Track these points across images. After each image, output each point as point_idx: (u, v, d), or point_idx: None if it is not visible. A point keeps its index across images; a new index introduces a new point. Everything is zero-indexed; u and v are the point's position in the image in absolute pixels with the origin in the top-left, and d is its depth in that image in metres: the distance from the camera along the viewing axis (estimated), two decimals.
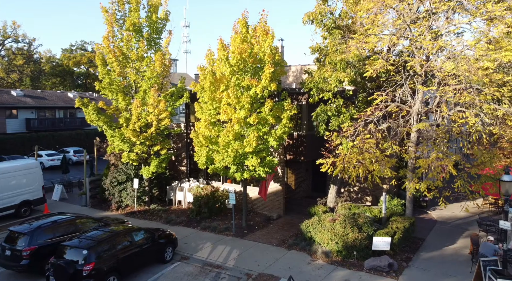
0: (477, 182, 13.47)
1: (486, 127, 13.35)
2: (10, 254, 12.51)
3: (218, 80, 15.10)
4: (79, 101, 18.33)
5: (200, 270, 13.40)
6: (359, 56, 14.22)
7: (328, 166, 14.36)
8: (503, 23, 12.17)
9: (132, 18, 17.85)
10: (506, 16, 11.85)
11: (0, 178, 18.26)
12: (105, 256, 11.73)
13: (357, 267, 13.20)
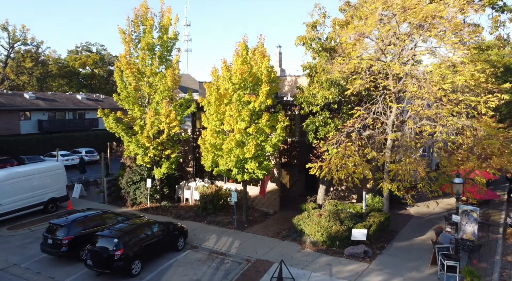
0: (436, 183, 16.03)
1: (450, 137, 15.90)
2: (52, 243, 15.18)
3: (222, 95, 17.70)
4: (100, 112, 20.91)
5: (207, 257, 16.05)
6: (342, 76, 16.78)
7: (316, 169, 16.94)
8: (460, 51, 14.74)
9: (146, 39, 20.42)
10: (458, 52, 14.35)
11: (31, 178, 20.93)
12: (131, 244, 14.37)
13: (339, 254, 15.85)
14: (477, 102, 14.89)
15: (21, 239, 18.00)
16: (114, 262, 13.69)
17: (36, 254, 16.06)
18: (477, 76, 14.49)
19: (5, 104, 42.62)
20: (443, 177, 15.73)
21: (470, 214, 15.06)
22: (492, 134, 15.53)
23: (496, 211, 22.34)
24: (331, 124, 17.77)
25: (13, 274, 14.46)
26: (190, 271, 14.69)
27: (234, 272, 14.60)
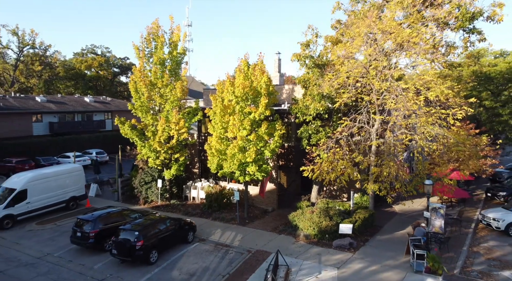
0: (410, 185, 18.39)
1: (426, 143, 18.24)
2: (80, 235, 17.64)
3: (226, 107, 20.11)
4: (117, 120, 23.33)
5: (214, 248, 18.49)
6: (331, 91, 19.16)
7: (309, 171, 19.31)
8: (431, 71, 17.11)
9: (158, 54, 22.82)
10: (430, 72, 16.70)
11: (55, 179, 23.40)
12: (149, 237, 16.81)
13: (328, 245, 18.28)
14: (446, 114, 17.23)
15: (49, 233, 20.47)
16: (135, 251, 16.14)
17: (65, 245, 18.52)
18: (446, 92, 16.84)
19: (19, 107, 45.10)
20: (417, 179, 18.09)
21: (438, 210, 17.48)
22: (460, 142, 17.91)
23: (473, 208, 24.74)
24: (322, 132, 20.18)
25: (49, 261, 16.93)
26: (199, 260, 17.14)
27: (237, 260, 17.04)
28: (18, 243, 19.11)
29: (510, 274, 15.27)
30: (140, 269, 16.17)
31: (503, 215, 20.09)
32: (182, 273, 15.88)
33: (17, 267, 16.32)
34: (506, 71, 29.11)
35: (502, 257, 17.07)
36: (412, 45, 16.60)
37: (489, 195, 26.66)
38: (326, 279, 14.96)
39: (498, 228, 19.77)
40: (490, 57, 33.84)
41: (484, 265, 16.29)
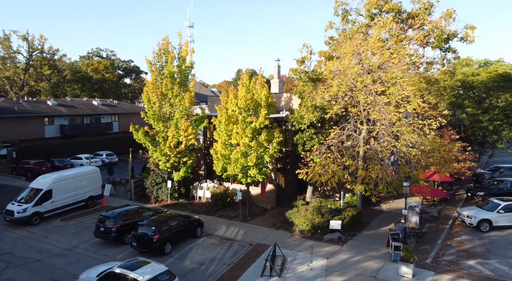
0: (391, 186, 20.87)
1: (408, 149, 20.71)
2: (103, 230, 20.22)
3: (230, 116, 22.66)
4: (132, 127, 25.89)
5: (219, 242, 21.05)
6: (323, 102, 21.69)
7: (304, 174, 21.85)
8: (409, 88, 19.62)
9: (168, 68, 25.37)
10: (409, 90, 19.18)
11: (75, 180, 25.99)
12: (163, 231, 19.37)
13: (319, 239, 20.82)
14: (423, 124, 19.73)
15: (73, 228, 23.06)
16: (153, 244, 18.72)
17: (89, 239, 21.11)
18: (422, 105, 19.35)
19: (32, 111, 47.69)
20: (396, 181, 20.61)
21: (414, 209, 20.02)
22: (436, 148, 20.42)
23: (453, 207, 27.24)
24: (316, 139, 22.74)
25: (77, 252, 19.51)
26: (207, 252, 19.71)
27: (240, 252, 19.61)
28: (47, 237, 21.70)
29: (474, 263, 17.83)
30: (156, 259, 18.66)
31: (476, 212, 22.63)
32: (193, 263, 18.46)
33: (50, 257, 18.91)
34: (487, 80, 31.61)
35: (471, 249, 19.62)
36: (392, 65, 19.12)
37: (469, 195, 29.17)
38: (316, 267, 17.52)
39: (471, 224, 22.31)
40: (475, 66, 36.34)
41: (454, 255, 18.85)
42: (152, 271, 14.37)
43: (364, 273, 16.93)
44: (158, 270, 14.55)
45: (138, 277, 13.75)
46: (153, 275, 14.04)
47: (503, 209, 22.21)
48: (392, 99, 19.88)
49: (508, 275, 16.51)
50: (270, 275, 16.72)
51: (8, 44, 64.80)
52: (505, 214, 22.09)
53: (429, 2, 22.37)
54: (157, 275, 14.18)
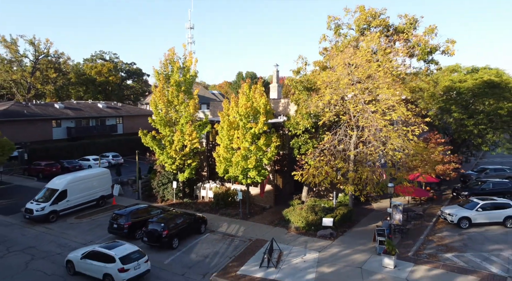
0: (378, 187, 22.85)
1: (395, 153, 22.70)
2: (116, 227, 22.26)
3: (232, 123, 24.68)
4: (141, 132, 27.93)
5: (222, 238, 23.07)
6: (317, 110, 23.70)
7: (299, 175, 23.85)
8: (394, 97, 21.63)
9: (174, 77, 27.39)
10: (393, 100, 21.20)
11: (88, 181, 28.03)
12: (171, 228, 21.39)
13: (313, 235, 22.85)
14: (407, 130, 21.71)
15: (88, 225, 25.10)
16: (162, 239, 20.76)
17: (103, 235, 23.13)
18: (406, 113, 21.35)
19: (41, 114, 49.70)
20: (382, 182, 22.61)
21: (398, 207, 22.05)
22: (418, 152, 22.42)
23: (439, 206, 29.20)
24: (310, 143, 24.77)
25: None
26: (211, 246, 21.75)
27: (241, 247, 21.64)
28: (64, 233, 23.75)
29: (450, 256, 19.87)
30: (165, 252, 20.78)
31: (457, 210, 24.67)
32: (198, 256, 20.50)
33: (70, 250, 20.93)
34: (473, 87, 33.61)
35: (450, 244, 21.67)
36: (377, 78, 21.14)
37: (454, 194, 31.20)
38: (309, 259, 19.57)
39: (452, 222, 24.35)
40: (463, 72, 38.34)
41: (434, 249, 20.90)
42: (125, 249, 17.71)
43: (352, 264, 18.98)
44: (130, 249, 17.86)
45: (113, 254, 17.11)
46: (126, 253, 17.41)
47: (481, 207, 24.25)
48: (379, 108, 21.89)
49: (479, 266, 18.56)
50: (267, 266, 18.75)
51: (15, 48, 66.84)
52: (483, 212, 24.12)
53: (413, 18, 24.41)
54: (130, 253, 17.53)
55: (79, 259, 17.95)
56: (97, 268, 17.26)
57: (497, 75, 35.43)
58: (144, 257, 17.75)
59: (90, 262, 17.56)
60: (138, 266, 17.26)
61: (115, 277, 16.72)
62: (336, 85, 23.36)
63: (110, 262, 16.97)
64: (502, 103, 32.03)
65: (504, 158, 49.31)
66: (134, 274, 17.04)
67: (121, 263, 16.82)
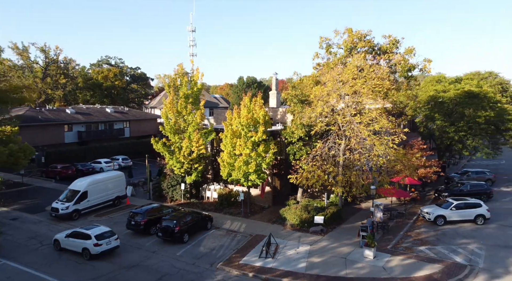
0: (362, 189, 25.99)
1: (379, 158, 25.83)
2: (134, 223, 25.46)
3: (234, 132, 27.88)
4: (153, 140, 31.10)
5: (226, 233, 26.25)
6: (310, 121, 26.86)
7: (294, 178, 27.01)
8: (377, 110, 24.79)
9: (183, 90, 30.60)
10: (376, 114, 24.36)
11: (105, 183, 31.23)
12: (182, 224, 24.57)
13: (306, 231, 26.01)
14: (388, 140, 24.87)
15: (107, 222, 28.25)
16: (174, 234, 23.94)
17: (121, 231, 26.30)
18: (387, 124, 24.52)
19: (53, 119, 52.92)
20: (366, 185, 25.76)
21: (379, 206, 25.22)
22: (398, 158, 25.58)
23: (422, 205, 32.34)
24: (304, 150, 27.96)
25: None
26: (217, 240, 24.93)
27: (243, 241, 24.81)
28: None
29: (423, 248, 23.06)
30: (177, 246, 23.96)
31: (434, 210, 27.85)
32: (206, 248, 23.69)
33: None
34: (454, 97, 36.80)
35: (425, 238, 24.85)
36: (361, 94, 24.32)
37: (436, 195, 34.36)
38: (301, 251, 22.75)
39: (430, 219, 27.51)
40: (447, 83, 41.53)
41: (410, 243, 24.08)
42: (100, 230, 22.68)
43: (338, 255, 22.17)
44: (104, 229, 22.84)
45: (90, 233, 22.06)
46: (100, 232, 22.32)
47: (455, 207, 27.43)
48: (363, 119, 25.08)
49: (446, 257, 21.74)
50: (265, 257, 21.93)
51: (27, 55, 70.10)
52: (456, 211, 27.30)
53: (395, 39, 27.60)
54: (103, 232, 22.44)
55: (63, 238, 22.83)
56: (78, 244, 22.22)
57: (477, 85, 38.66)
58: (114, 236, 22.76)
59: (72, 240, 22.52)
60: (109, 242, 22.24)
61: (91, 250, 21.68)
62: (327, 99, 26.58)
63: (88, 239, 21.90)
64: (480, 112, 35.20)
65: (491, 161, 52.41)
66: (105, 248, 22.00)
67: (96, 239, 21.76)
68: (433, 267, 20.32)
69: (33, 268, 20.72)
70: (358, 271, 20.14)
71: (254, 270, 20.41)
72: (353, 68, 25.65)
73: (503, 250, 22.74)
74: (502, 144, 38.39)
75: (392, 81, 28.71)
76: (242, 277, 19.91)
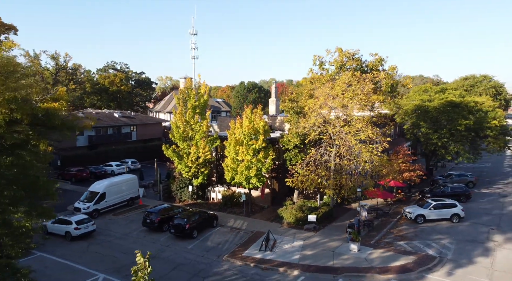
0: (349, 191, 29.39)
1: (366, 164, 29.25)
2: (149, 221, 28.93)
3: (237, 140, 31.33)
4: (164, 147, 34.55)
5: (230, 230, 29.69)
6: (304, 131, 30.29)
7: (290, 182, 30.43)
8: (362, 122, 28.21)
9: (191, 102, 34.07)
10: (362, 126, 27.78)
11: (121, 185, 34.71)
12: (192, 222, 28.02)
13: (300, 228, 29.45)
14: (372, 147, 28.28)
15: (123, 221, 31.77)
16: (185, 231, 27.40)
17: (137, 228, 29.77)
18: (372, 135, 27.94)
19: None
20: (353, 188, 29.19)
21: (364, 207, 28.65)
22: (382, 164, 29.01)
23: (406, 205, 35.77)
24: (299, 156, 31.42)
25: (132, 236, 28.25)
26: (222, 236, 28.38)
27: (245, 237, 28.25)
28: (106, 226, 30.41)
29: (402, 243, 26.50)
30: (187, 241, 27.41)
31: (415, 209, 31.29)
32: (213, 243, 27.15)
33: (116, 239, 27.66)
34: (438, 106, 40.21)
35: (405, 235, 28.28)
36: (350, 107, 27.77)
37: (420, 196, 37.78)
38: (296, 246, 26.21)
39: (411, 218, 30.94)
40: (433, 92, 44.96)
41: (391, 239, 27.52)
42: (79, 217, 28.26)
43: (327, 249, 25.63)
44: (83, 217, 28.50)
45: (71, 219, 27.66)
46: (79, 219, 27.87)
47: (433, 207, 30.87)
48: (351, 130, 28.53)
49: (420, 250, 25.20)
50: (265, 250, 25.38)
51: (38, 62, 73.59)
52: (434, 210, 30.74)
53: (381, 57, 31.05)
54: (82, 219, 27.97)
55: (50, 224, 27.74)
56: (61, 228, 27.67)
57: (460, 95, 42.09)
58: (91, 222, 28.30)
59: (57, 225, 27.82)
60: (87, 227, 27.80)
61: (72, 233, 27.25)
62: (319, 111, 30.03)
63: (69, 224, 27.45)
64: (460, 120, 38.61)
65: (478, 164, 55.74)
66: (84, 231, 27.64)
67: (76, 224, 27.33)
68: (407, 258, 23.78)
69: (69, 260, 24.22)
70: (344, 261, 23.61)
71: (254, 261, 23.88)
72: (342, 84, 29.09)
73: (471, 244, 26.19)
74: (482, 149, 41.79)
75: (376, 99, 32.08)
76: (245, 267, 23.37)
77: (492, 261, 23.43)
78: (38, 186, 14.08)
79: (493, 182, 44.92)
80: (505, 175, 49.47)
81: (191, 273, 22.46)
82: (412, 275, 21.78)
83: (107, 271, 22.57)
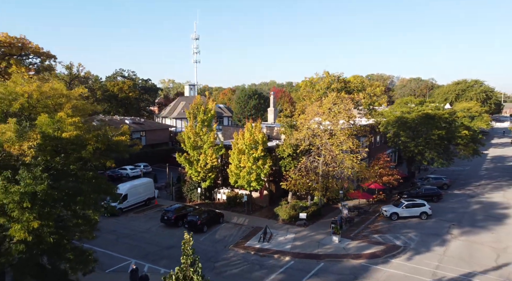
0: (334, 193, 35.00)
1: (349, 170, 34.84)
2: (166, 218, 34.62)
3: (240, 150, 37.02)
4: (177, 154, 40.20)
5: (233, 226, 35.37)
6: (296, 142, 35.96)
7: (285, 185, 36.08)
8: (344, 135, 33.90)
9: (200, 116, 39.77)
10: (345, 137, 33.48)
11: (139, 187, 40.42)
12: (202, 218, 33.70)
13: (293, 224, 35.09)
14: (353, 156, 33.92)
15: (143, 218, 37.44)
16: (197, 226, 33.08)
17: (156, 224, 35.44)
18: (352, 146, 33.59)
19: None
20: (336, 190, 34.83)
21: (345, 206, 34.31)
22: (361, 170, 34.65)
23: (385, 204, 41.42)
24: (292, 163, 37.12)
25: (152, 231, 33.95)
26: (227, 231, 34.06)
27: (246, 231, 33.92)
28: (130, 222, 36.10)
29: (376, 236, 32.17)
30: (199, 234, 33.06)
31: (390, 208, 36.97)
32: (220, 236, 32.84)
33: (139, 233, 33.34)
34: (416, 118, 45.88)
35: (380, 229, 33.95)
36: (334, 123, 33.45)
37: (399, 197, 43.43)
38: (288, 238, 31.89)
39: (387, 216, 36.60)
40: (413, 104, 50.63)
41: (368, 233, 33.19)
42: None
43: (314, 240, 31.31)
44: None
45: None
46: None
47: (405, 206, 36.54)
48: (335, 142, 34.21)
49: (389, 241, 30.88)
50: (263, 241, 31.05)
51: (54, 72, 79.28)
52: (406, 209, 36.41)
53: (361, 79, 36.71)
54: None
55: None
56: None
57: (436, 108, 47.79)
58: None
59: None
60: None
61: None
62: (309, 125, 35.73)
63: None
64: (434, 130, 44.29)
65: (457, 167, 61.46)
66: None
67: None
68: (378, 247, 29.47)
69: (105, 249, 29.93)
70: (326, 250, 29.31)
71: (254, 250, 29.57)
72: (328, 103, 34.78)
73: (432, 237, 31.86)
74: (454, 156, 47.49)
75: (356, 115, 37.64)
76: (247, 254, 29.06)
77: (445, 250, 29.13)
78: (103, 189, 19.81)
79: (467, 184, 50.60)
80: (480, 177, 55.14)
81: (204, 259, 28.11)
82: (379, 260, 27.46)
83: (136, 257, 28.25)
